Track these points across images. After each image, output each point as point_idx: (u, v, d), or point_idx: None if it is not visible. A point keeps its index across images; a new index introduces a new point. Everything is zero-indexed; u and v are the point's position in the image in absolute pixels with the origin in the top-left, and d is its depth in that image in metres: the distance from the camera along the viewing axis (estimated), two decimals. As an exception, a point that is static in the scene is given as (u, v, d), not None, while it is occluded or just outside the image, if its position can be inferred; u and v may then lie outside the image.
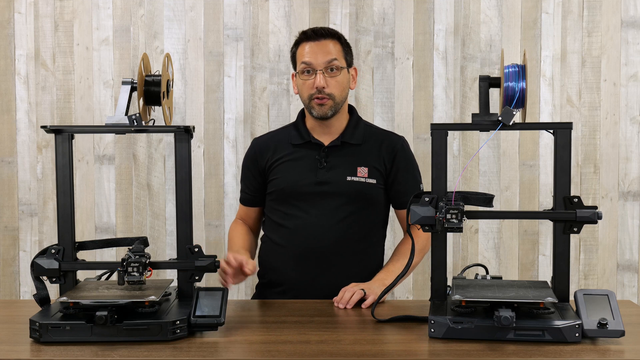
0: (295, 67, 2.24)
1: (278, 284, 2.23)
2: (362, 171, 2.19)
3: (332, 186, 2.18)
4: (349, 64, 2.23)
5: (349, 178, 2.19)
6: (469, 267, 1.97)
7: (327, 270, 2.17)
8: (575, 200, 1.67)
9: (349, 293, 1.97)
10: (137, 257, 1.66)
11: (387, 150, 2.24)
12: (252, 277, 3.06)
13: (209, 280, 2.99)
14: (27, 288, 3.10)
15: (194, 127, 1.78)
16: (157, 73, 1.82)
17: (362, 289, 1.98)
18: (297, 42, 2.23)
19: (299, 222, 2.19)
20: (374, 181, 2.20)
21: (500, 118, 1.65)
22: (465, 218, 1.62)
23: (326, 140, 2.23)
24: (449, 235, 2.81)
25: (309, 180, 2.19)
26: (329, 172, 2.19)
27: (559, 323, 1.55)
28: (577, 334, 1.55)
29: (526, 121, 1.74)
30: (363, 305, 1.95)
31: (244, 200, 2.34)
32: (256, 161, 2.28)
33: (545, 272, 3.04)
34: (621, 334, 1.55)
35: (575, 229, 1.68)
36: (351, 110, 2.29)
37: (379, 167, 2.22)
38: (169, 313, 1.64)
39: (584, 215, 1.66)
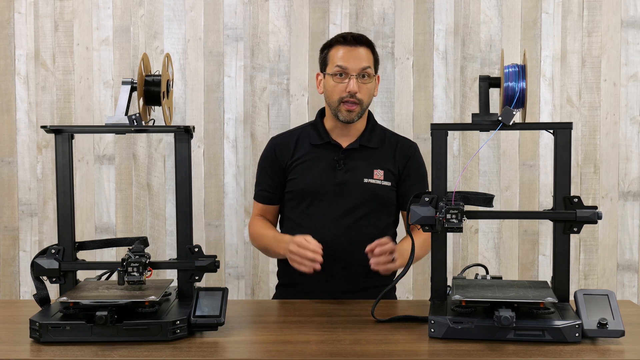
0: (324, 68, 2.26)
1: (297, 283, 2.25)
2: (379, 174, 2.24)
3: (350, 187, 2.22)
4: (376, 72, 2.26)
5: (365, 180, 2.23)
6: (469, 267, 1.97)
7: (344, 268, 2.20)
8: (575, 200, 1.67)
9: (385, 258, 2.01)
10: (137, 257, 1.66)
11: (401, 154, 2.29)
12: (252, 278, 3.06)
13: (209, 280, 2.99)
14: (27, 288, 3.09)
15: (194, 127, 1.78)
16: (157, 73, 1.82)
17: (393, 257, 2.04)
18: (331, 43, 2.25)
19: (316, 221, 2.22)
20: (388, 184, 2.25)
21: (500, 118, 1.65)
22: (465, 218, 1.62)
23: (344, 142, 2.26)
24: (449, 235, 2.81)
25: (328, 180, 2.23)
26: (347, 173, 2.23)
27: (559, 323, 1.55)
28: (577, 334, 1.55)
29: (526, 121, 1.74)
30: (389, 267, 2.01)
31: (264, 198, 2.33)
32: (276, 159, 2.30)
33: (545, 272, 3.04)
34: (621, 334, 1.55)
35: (575, 229, 1.68)
36: (369, 114, 2.33)
37: (393, 170, 2.27)
38: (169, 313, 1.64)
39: (584, 215, 1.66)
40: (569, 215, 1.67)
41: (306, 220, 2.24)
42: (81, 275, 1.82)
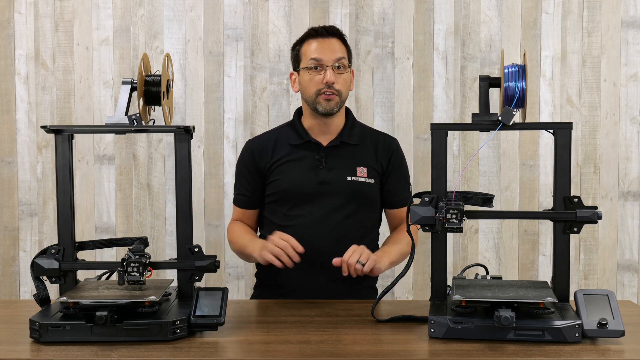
0: (297, 65, 2.25)
1: (278, 285, 2.23)
2: (362, 171, 2.22)
3: (333, 186, 2.19)
4: (350, 64, 2.25)
5: (349, 178, 2.20)
6: (469, 267, 1.97)
7: (328, 269, 2.17)
8: (575, 200, 1.67)
9: (355, 258, 1.99)
10: (137, 257, 1.66)
11: (383, 150, 2.27)
12: (252, 278, 3.06)
13: (209, 280, 2.99)
14: (27, 288, 3.10)
15: (194, 127, 1.78)
16: (157, 73, 1.82)
17: (360, 262, 2.00)
18: (303, 38, 2.24)
19: (300, 222, 2.19)
20: (372, 181, 2.22)
21: (500, 118, 1.65)
22: (465, 218, 1.62)
23: (324, 141, 2.24)
24: (449, 235, 2.81)
25: (310, 180, 2.20)
26: (329, 172, 2.20)
27: (559, 323, 1.55)
28: (577, 334, 1.55)
29: (526, 121, 1.74)
30: (364, 269, 1.99)
31: (242, 202, 2.31)
32: (254, 162, 2.27)
33: (545, 272, 3.04)
34: (621, 334, 1.55)
35: (575, 229, 1.68)
36: (347, 111, 2.31)
37: (376, 167, 2.24)
38: (169, 313, 1.64)
39: (584, 215, 1.66)
40: (569, 215, 1.67)
41: (289, 222, 2.21)
42: (81, 275, 1.82)
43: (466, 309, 1.60)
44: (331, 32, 2.21)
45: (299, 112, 2.31)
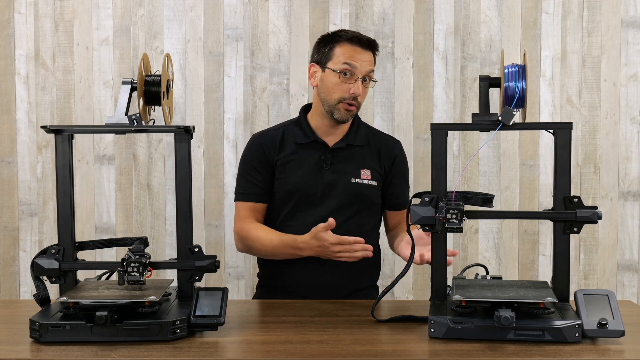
0: (325, 61, 2.17)
1: (280, 284, 2.23)
2: (366, 173, 2.22)
3: (337, 187, 2.19)
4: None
5: (353, 180, 2.20)
6: (469, 267, 1.97)
7: (329, 270, 2.18)
8: (575, 200, 1.67)
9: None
10: (137, 257, 1.66)
11: (386, 153, 2.27)
12: (252, 278, 3.06)
13: (209, 280, 2.99)
14: (27, 288, 3.10)
15: (194, 127, 1.78)
16: (157, 73, 1.82)
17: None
18: (341, 39, 2.17)
19: (302, 222, 2.19)
20: (375, 183, 2.23)
21: (500, 118, 1.65)
22: (465, 218, 1.62)
23: (331, 141, 2.23)
24: (449, 235, 2.80)
25: (315, 181, 2.19)
26: (334, 173, 2.20)
27: (559, 323, 1.55)
28: (577, 334, 1.55)
29: (526, 121, 1.74)
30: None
31: (256, 196, 2.22)
32: (264, 156, 2.22)
33: (545, 272, 3.04)
34: (621, 334, 1.55)
35: (575, 229, 1.68)
36: None
37: (379, 170, 2.24)
38: (169, 313, 1.64)
39: (584, 215, 1.66)
40: (569, 215, 1.67)
41: (291, 221, 2.21)
42: (81, 275, 1.82)
43: (466, 309, 1.60)
44: (371, 45, 2.17)
45: (305, 109, 2.29)
